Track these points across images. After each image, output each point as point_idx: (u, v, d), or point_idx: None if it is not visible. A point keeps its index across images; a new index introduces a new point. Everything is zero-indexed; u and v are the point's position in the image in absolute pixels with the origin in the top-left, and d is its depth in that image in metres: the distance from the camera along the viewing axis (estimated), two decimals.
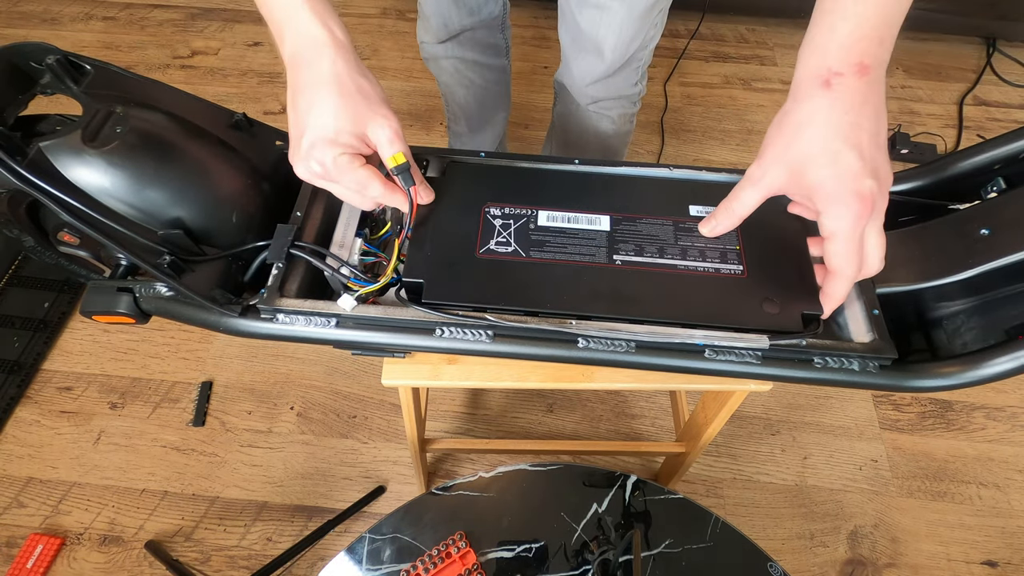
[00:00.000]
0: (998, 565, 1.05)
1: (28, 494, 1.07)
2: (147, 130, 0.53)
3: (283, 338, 0.53)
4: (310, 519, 1.06)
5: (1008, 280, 0.51)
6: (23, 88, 0.55)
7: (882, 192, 0.44)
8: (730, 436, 1.17)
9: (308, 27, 0.48)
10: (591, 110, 1.01)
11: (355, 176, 0.49)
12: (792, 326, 0.51)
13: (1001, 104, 1.72)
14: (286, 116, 0.50)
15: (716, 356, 0.51)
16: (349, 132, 0.48)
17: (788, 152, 0.45)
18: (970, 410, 1.20)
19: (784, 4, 1.83)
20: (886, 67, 0.44)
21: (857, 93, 0.43)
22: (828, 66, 0.43)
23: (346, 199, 0.52)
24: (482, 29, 1.01)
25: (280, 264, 0.53)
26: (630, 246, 0.55)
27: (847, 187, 0.43)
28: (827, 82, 0.43)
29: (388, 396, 1.19)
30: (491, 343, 0.51)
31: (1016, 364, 0.47)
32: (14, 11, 1.84)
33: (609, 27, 0.85)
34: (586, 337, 0.51)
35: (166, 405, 1.17)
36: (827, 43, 0.44)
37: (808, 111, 0.44)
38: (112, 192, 0.51)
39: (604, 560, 0.62)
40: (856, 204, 0.43)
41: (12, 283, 1.28)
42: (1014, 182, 0.54)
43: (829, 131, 0.44)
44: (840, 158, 0.43)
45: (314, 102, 0.47)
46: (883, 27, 0.43)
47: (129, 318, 0.53)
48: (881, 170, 0.44)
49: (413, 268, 0.53)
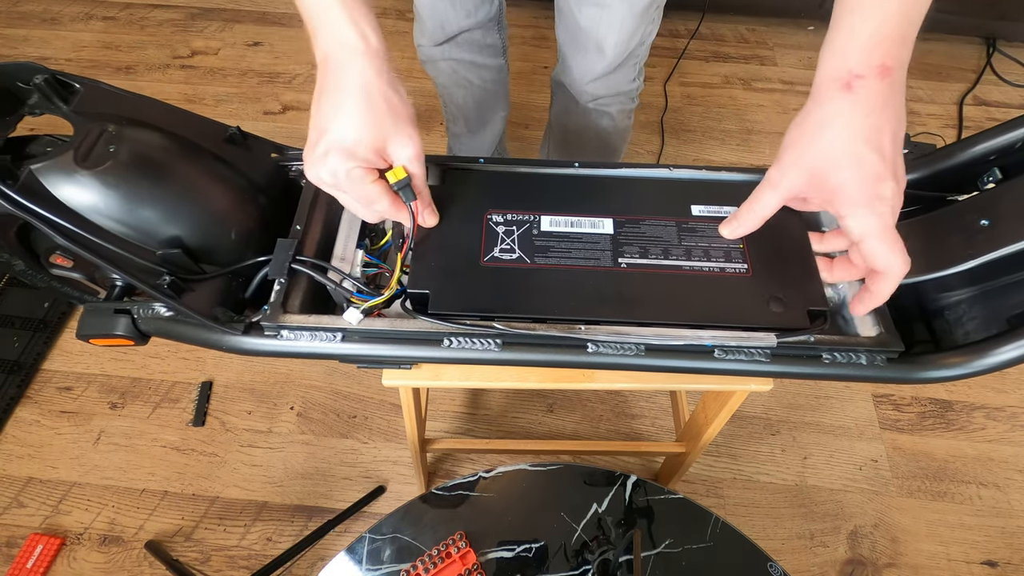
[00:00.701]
0: (998, 565, 1.05)
1: (28, 494, 1.07)
2: (140, 148, 0.52)
3: (288, 355, 0.52)
4: (310, 519, 1.06)
5: (1009, 269, 0.51)
6: (10, 109, 0.53)
7: (900, 193, 0.44)
8: (730, 436, 1.17)
9: (340, 29, 0.46)
10: (590, 108, 1.01)
11: (365, 191, 0.48)
12: (799, 323, 0.51)
13: (1001, 104, 1.72)
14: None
15: (726, 356, 0.51)
16: (368, 146, 0.46)
17: (808, 155, 0.45)
18: (970, 410, 1.20)
19: (784, 4, 1.83)
20: (907, 67, 0.44)
21: (879, 95, 0.43)
22: (849, 68, 0.43)
23: (350, 208, 0.52)
24: (479, 30, 1.01)
25: (282, 280, 0.53)
26: (634, 248, 0.55)
27: (871, 190, 0.43)
28: (848, 84, 0.43)
29: (388, 396, 1.19)
30: (500, 352, 0.51)
31: (1022, 352, 0.47)
32: (14, 11, 1.84)
33: (610, 25, 0.85)
34: (596, 342, 0.51)
35: (166, 405, 1.17)
36: (848, 45, 0.43)
37: (829, 114, 0.44)
38: (107, 213, 0.50)
39: (604, 560, 0.62)
40: (880, 206, 0.43)
41: (12, 283, 1.28)
42: (1010, 172, 0.55)
43: (851, 134, 0.43)
44: (863, 161, 0.43)
45: (339, 107, 0.46)
46: (905, 26, 0.42)
47: (128, 340, 0.52)
48: (899, 171, 0.44)
49: (418, 279, 0.53)
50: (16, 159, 0.51)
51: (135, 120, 0.54)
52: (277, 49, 1.78)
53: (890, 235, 0.44)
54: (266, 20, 1.86)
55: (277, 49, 1.78)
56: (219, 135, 0.60)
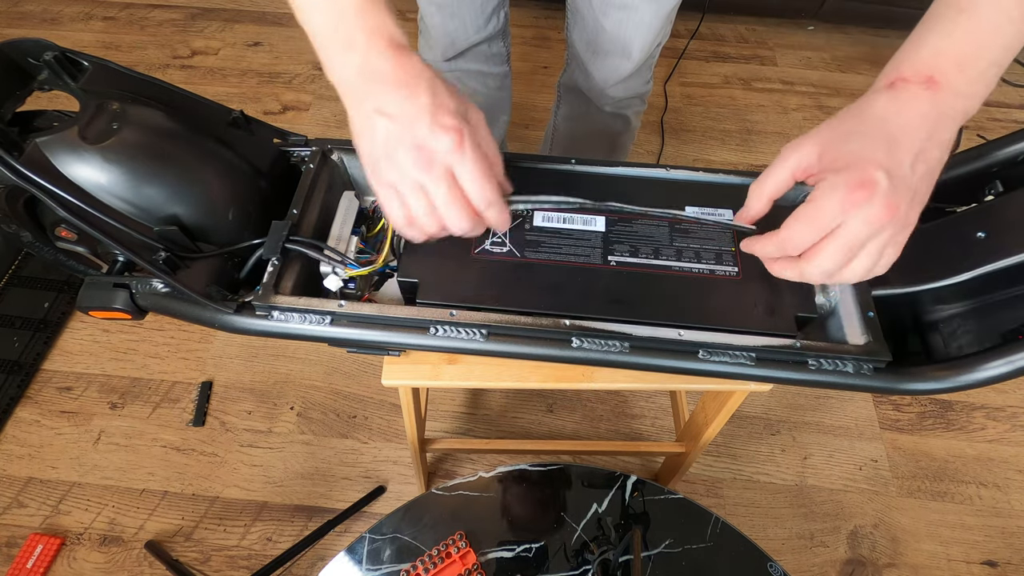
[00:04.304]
0: (998, 565, 1.05)
1: (28, 494, 1.07)
2: (144, 127, 0.53)
3: (278, 335, 0.53)
4: (310, 519, 1.06)
5: (1005, 283, 0.50)
6: (21, 84, 0.55)
7: (896, 202, 0.40)
8: (730, 436, 1.17)
9: (389, 25, 0.45)
10: (607, 111, 1.00)
11: (480, 165, 0.44)
12: (786, 328, 0.51)
13: (1001, 104, 1.72)
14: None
15: (710, 357, 0.51)
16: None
17: (825, 130, 0.44)
18: (970, 410, 1.20)
19: (784, 4, 1.83)
20: (964, 100, 0.41)
21: (917, 101, 0.41)
22: (899, 71, 0.43)
23: (424, 214, 0.45)
24: (486, 43, 1.01)
25: (276, 261, 0.53)
26: (625, 247, 0.55)
27: (855, 172, 0.41)
28: (892, 84, 0.43)
29: (388, 396, 1.19)
30: (485, 342, 0.51)
31: (1010, 368, 0.47)
32: (14, 11, 1.84)
33: (637, 27, 0.85)
34: (580, 336, 0.51)
35: (166, 405, 1.17)
36: (907, 53, 0.43)
37: (863, 102, 0.43)
38: (108, 188, 0.51)
39: (604, 560, 0.62)
40: (856, 190, 0.40)
41: (12, 283, 1.28)
42: (1012, 185, 0.54)
43: (872, 120, 0.42)
44: (866, 142, 0.41)
45: (429, 85, 0.45)
46: (969, 53, 0.41)
47: (125, 314, 0.53)
48: (909, 188, 0.41)
49: (408, 268, 0.53)
50: (23, 132, 0.53)
51: (140, 99, 0.55)
52: (277, 49, 1.78)
53: (826, 217, 0.41)
54: (266, 20, 1.86)
55: (277, 49, 1.78)
56: (223, 118, 0.61)
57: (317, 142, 0.62)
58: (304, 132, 0.51)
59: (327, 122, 1.60)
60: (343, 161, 0.63)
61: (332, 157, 0.62)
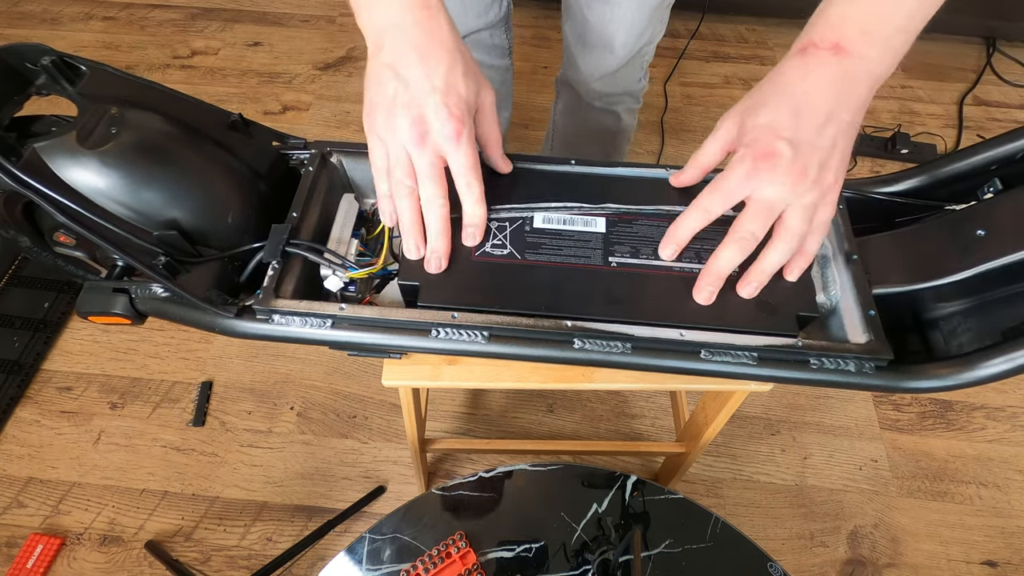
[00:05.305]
0: (998, 565, 1.05)
1: (28, 494, 1.07)
2: (142, 131, 0.53)
3: (278, 339, 0.53)
4: (310, 519, 1.06)
5: (1004, 281, 0.50)
6: (18, 89, 0.54)
7: (801, 167, 0.43)
8: (730, 436, 1.17)
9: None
10: (596, 106, 1.01)
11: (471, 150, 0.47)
12: (788, 327, 0.51)
13: (1001, 104, 1.72)
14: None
15: (712, 357, 0.51)
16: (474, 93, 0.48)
17: (744, 102, 0.46)
18: (970, 410, 1.20)
19: (784, 4, 1.83)
20: (872, 64, 0.44)
21: (824, 67, 0.43)
22: (810, 37, 0.45)
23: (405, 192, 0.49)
24: (487, 31, 1.01)
25: (276, 264, 0.53)
26: (626, 248, 0.55)
27: (760, 144, 0.43)
28: (804, 49, 0.45)
29: (388, 396, 1.19)
30: (486, 344, 0.51)
31: (1011, 365, 0.47)
32: (14, 11, 1.84)
33: (620, 22, 0.85)
34: (581, 338, 0.51)
35: (166, 405, 1.17)
36: (817, 19, 0.45)
37: (778, 70, 0.46)
38: (107, 193, 0.51)
39: (604, 560, 0.62)
40: (759, 160, 0.43)
41: (12, 283, 1.28)
42: (1011, 183, 0.54)
43: (779, 88, 0.44)
44: (774, 113, 0.44)
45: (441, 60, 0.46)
46: (874, 19, 0.43)
47: (125, 319, 0.53)
48: (817, 151, 0.43)
49: (409, 271, 0.53)
50: (21, 137, 0.52)
51: (138, 103, 0.55)
52: (277, 49, 1.78)
53: (731, 186, 0.45)
54: (266, 20, 1.86)
55: (277, 49, 1.78)
56: (222, 121, 0.61)
57: (316, 144, 0.62)
58: (304, 132, 0.51)
59: (327, 122, 1.59)
60: (342, 163, 0.63)
61: (331, 160, 0.62)
